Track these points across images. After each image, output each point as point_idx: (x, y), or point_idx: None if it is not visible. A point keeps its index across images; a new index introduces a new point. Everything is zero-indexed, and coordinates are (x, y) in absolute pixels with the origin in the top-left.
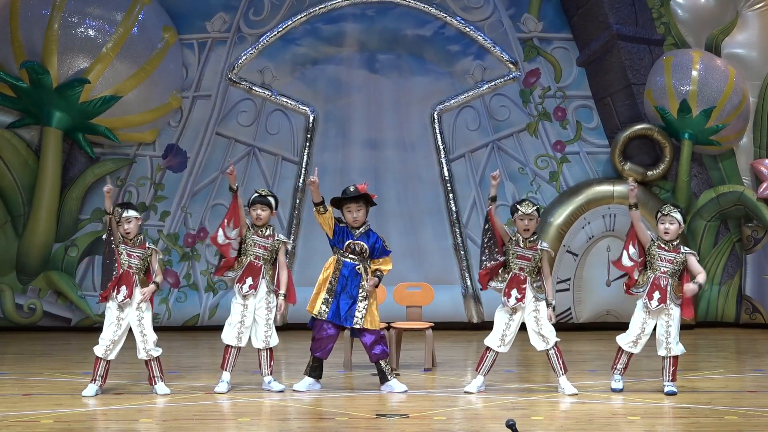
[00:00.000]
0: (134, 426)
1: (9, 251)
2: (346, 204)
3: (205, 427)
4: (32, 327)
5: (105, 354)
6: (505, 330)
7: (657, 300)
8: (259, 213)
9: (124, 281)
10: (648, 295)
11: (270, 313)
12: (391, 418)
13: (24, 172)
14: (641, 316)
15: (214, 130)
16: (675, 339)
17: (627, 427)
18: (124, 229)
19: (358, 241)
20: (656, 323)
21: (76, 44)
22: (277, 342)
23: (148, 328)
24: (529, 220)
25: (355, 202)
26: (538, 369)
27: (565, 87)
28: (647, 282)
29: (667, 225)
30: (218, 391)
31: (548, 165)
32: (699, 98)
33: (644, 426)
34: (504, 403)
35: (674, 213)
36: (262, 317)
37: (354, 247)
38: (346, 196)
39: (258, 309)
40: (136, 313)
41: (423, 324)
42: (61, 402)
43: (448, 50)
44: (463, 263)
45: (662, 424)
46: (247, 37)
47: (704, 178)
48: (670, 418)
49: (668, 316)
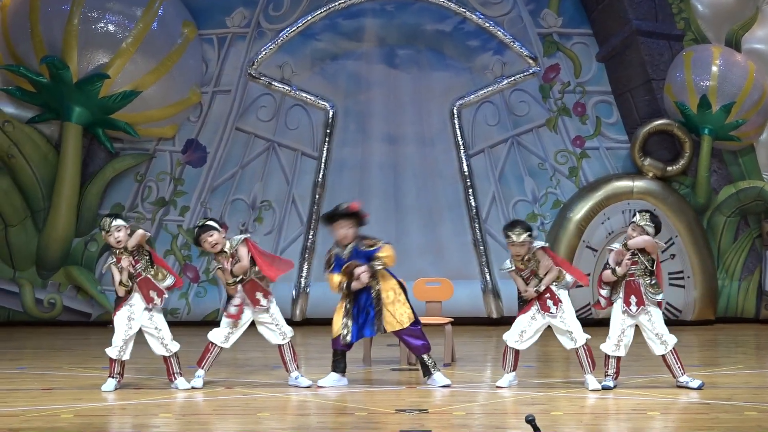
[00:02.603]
0: (153, 421)
1: (29, 246)
2: (337, 221)
3: (225, 422)
4: (52, 322)
5: (119, 356)
6: (526, 328)
7: (635, 304)
8: (209, 240)
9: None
10: (625, 301)
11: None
12: (410, 413)
13: (44, 167)
14: (619, 317)
15: (233, 126)
16: (665, 332)
17: (646, 422)
18: (114, 238)
19: (349, 261)
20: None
21: (95, 39)
22: (293, 332)
23: (162, 323)
24: (520, 246)
25: (346, 219)
26: (557, 364)
27: (584, 82)
28: (620, 287)
29: (629, 231)
30: (194, 385)
31: (568, 160)
32: (719, 94)
33: (664, 421)
34: (524, 399)
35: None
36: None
37: (351, 267)
38: (336, 213)
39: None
40: (147, 314)
41: (442, 319)
42: (80, 396)
43: (467, 45)
44: (483, 258)
45: (681, 420)
46: (267, 33)
47: (724, 174)
48: (689, 413)
49: (648, 314)
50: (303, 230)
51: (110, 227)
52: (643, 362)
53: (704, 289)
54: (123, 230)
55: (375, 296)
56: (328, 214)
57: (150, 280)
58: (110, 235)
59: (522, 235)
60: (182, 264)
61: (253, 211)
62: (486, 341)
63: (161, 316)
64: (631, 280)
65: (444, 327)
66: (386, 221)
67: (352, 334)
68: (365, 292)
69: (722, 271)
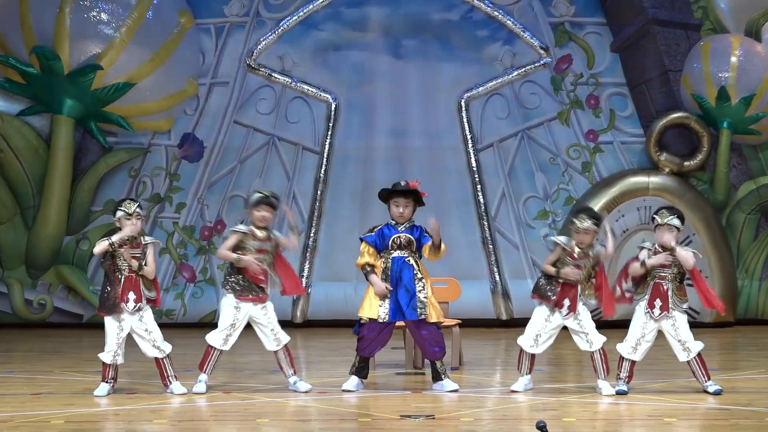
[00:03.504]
0: (148, 427)
1: (18, 244)
2: (394, 198)
3: (222, 428)
4: (42, 323)
5: (113, 360)
6: (541, 331)
7: (659, 308)
8: (264, 214)
9: (130, 287)
10: (649, 304)
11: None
12: (416, 419)
13: (34, 161)
14: (641, 319)
15: (231, 119)
16: (690, 338)
17: (663, 429)
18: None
19: (403, 233)
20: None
21: (88, 29)
22: (288, 338)
23: (152, 325)
24: (584, 234)
25: (404, 197)
26: (569, 368)
27: (598, 74)
28: (647, 289)
29: (659, 235)
30: (197, 391)
31: (580, 155)
32: (738, 85)
33: (681, 428)
34: (534, 404)
35: (672, 221)
36: (262, 320)
37: (400, 241)
38: (396, 190)
39: (254, 312)
40: (137, 314)
41: (450, 321)
42: (72, 402)
43: (476, 35)
44: (492, 258)
45: (700, 426)
46: (267, 22)
47: (744, 169)
48: (707, 419)
49: (672, 319)
50: (304, 228)
51: (134, 212)
52: (659, 366)
53: (723, 289)
54: (142, 220)
55: (418, 279)
56: (387, 189)
57: (137, 283)
58: (129, 221)
59: (585, 221)
60: (178, 263)
61: None
62: (495, 344)
63: (151, 316)
64: (659, 282)
65: (451, 329)
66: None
67: (390, 311)
68: (408, 269)
69: (742, 270)
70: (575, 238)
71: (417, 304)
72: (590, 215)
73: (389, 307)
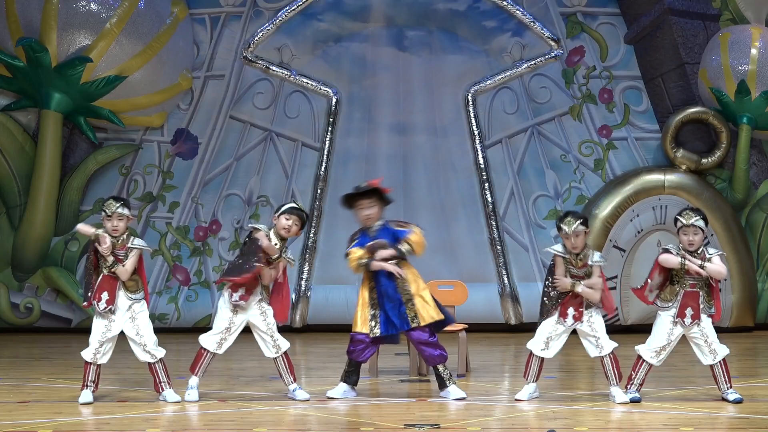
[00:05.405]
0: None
1: (4, 245)
2: (357, 201)
3: None
4: (29, 328)
5: (94, 358)
6: (552, 333)
7: (690, 317)
8: (290, 225)
9: (106, 287)
10: (680, 313)
11: (267, 318)
12: (421, 428)
13: (20, 159)
14: (667, 326)
15: (227, 114)
16: (716, 342)
17: None
18: (112, 225)
19: (376, 240)
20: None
21: (77, 19)
22: (288, 345)
23: (145, 328)
24: (575, 237)
25: (367, 198)
26: (581, 375)
27: (611, 66)
28: (675, 297)
29: (691, 237)
30: (189, 399)
31: (593, 152)
32: (759, 79)
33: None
34: (544, 412)
35: (698, 222)
36: (261, 325)
37: (375, 248)
38: (356, 192)
39: (252, 317)
40: (129, 314)
41: (456, 326)
42: (60, 410)
43: (483, 26)
44: (500, 259)
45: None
46: (264, 12)
47: (764, 167)
48: (726, 429)
49: (699, 323)
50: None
51: (113, 213)
52: (674, 373)
53: (742, 292)
54: (124, 221)
55: (400, 285)
56: (347, 194)
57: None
58: (110, 221)
59: (574, 224)
60: (171, 265)
61: (249, 207)
62: (504, 349)
63: (145, 318)
64: (692, 291)
65: (458, 334)
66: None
67: (381, 324)
68: (392, 279)
69: (762, 273)
70: (568, 244)
71: (406, 312)
72: (576, 217)
73: (380, 322)
